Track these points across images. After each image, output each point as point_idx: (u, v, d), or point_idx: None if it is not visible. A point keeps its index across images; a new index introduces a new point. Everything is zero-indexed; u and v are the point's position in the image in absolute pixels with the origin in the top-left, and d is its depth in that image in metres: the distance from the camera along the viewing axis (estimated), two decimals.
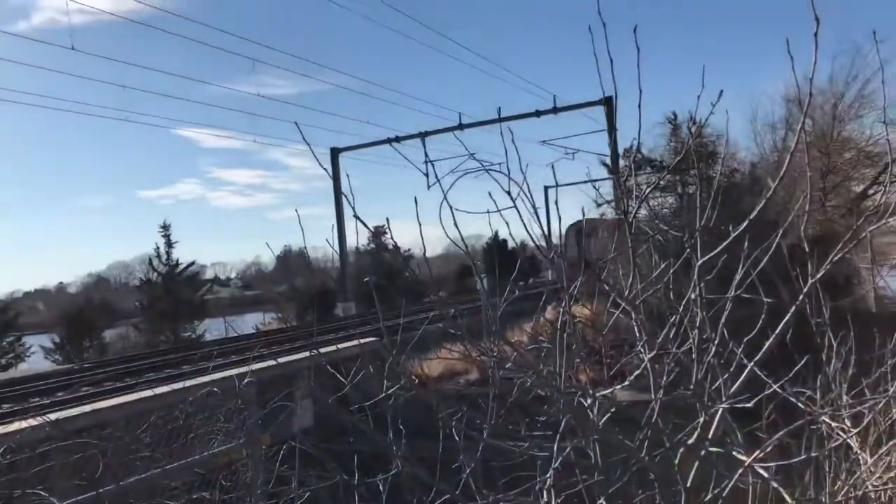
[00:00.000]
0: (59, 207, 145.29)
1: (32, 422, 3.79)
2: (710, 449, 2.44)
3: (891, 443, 2.71)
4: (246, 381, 4.95)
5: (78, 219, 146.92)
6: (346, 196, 2.49)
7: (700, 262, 2.26)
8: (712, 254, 2.24)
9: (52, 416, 4.01)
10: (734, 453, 2.35)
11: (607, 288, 2.87)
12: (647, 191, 2.44)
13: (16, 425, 3.79)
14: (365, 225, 2.53)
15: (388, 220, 3.20)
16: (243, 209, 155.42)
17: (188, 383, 5.46)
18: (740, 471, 2.20)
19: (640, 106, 2.37)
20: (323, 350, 3.33)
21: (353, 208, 2.48)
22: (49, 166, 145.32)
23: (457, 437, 3.02)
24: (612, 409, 2.51)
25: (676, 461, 2.48)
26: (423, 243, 2.89)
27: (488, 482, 3.01)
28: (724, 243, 2.23)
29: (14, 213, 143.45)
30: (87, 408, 6.59)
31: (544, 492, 2.37)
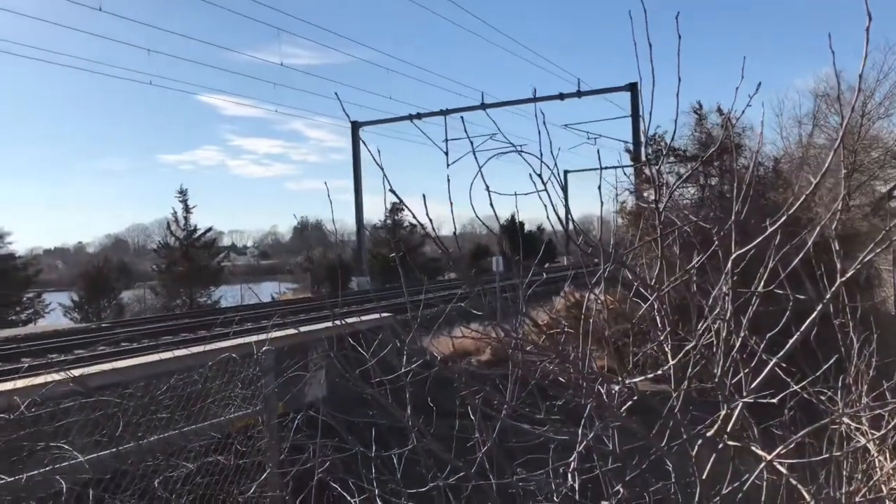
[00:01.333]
0: (80, 168, 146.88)
1: (56, 376, 3.86)
2: (728, 443, 2.45)
3: None
4: (265, 348, 5.01)
5: (99, 180, 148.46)
6: (382, 170, 2.49)
7: (735, 255, 2.25)
8: (747, 248, 2.23)
9: (75, 372, 4.08)
10: (753, 448, 2.36)
11: (631, 277, 2.87)
12: (678, 182, 2.42)
13: (41, 379, 3.87)
14: (399, 199, 2.53)
15: (400, 201, 3.20)
16: (262, 178, 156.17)
17: (207, 347, 5.54)
18: (762, 466, 2.21)
19: (678, 94, 2.35)
20: (342, 322, 3.36)
21: (388, 182, 2.48)
22: (73, 127, 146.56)
23: (472, 417, 3.06)
24: (634, 398, 2.52)
25: (693, 453, 2.49)
26: (432, 225, 2.89)
27: (502, 463, 3.05)
28: (760, 238, 2.22)
29: (37, 172, 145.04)
30: (107, 366, 6.70)
31: (568, 475, 2.39)
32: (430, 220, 2.41)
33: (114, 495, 4.03)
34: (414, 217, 2.72)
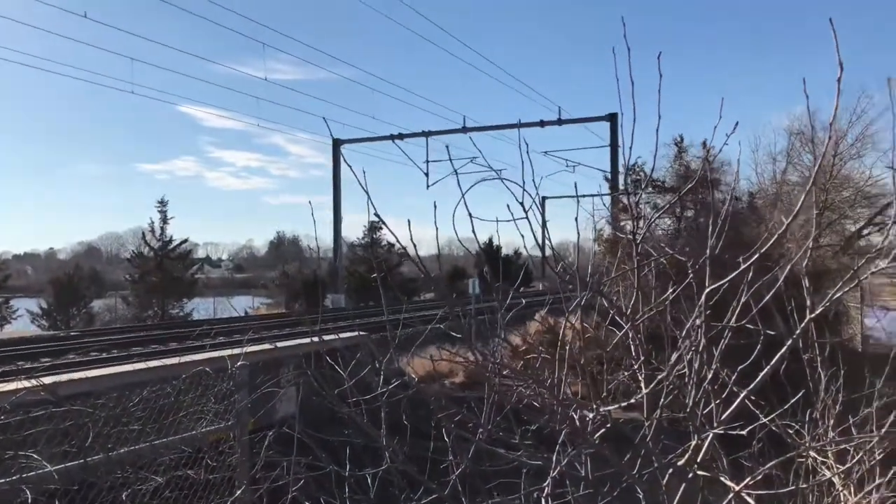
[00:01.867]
0: (55, 173, 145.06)
1: (26, 384, 3.81)
2: (699, 472, 2.50)
3: (873, 484, 2.77)
4: (239, 363, 4.99)
5: (73, 186, 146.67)
6: (367, 193, 2.53)
7: (709, 289, 2.32)
8: (720, 283, 2.30)
9: (46, 380, 4.03)
10: (722, 479, 2.41)
11: (606, 305, 2.93)
12: (656, 215, 2.49)
13: (11, 385, 3.81)
14: (384, 223, 2.57)
15: (384, 224, 3.23)
16: (239, 191, 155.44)
17: (181, 359, 5.50)
18: (730, 497, 2.26)
19: (657, 130, 2.43)
20: (316, 339, 3.38)
21: (373, 206, 2.52)
22: (50, 132, 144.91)
23: (446, 438, 3.08)
24: (608, 425, 2.56)
25: (664, 481, 2.53)
26: (413, 244, 2.93)
27: (474, 486, 3.07)
28: (734, 274, 2.29)
29: (10, 175, 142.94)
30: (78, 375, 6.62)
31: (543, 499, 2.43)
32: (415, 245, 2.45)
33: None
34: (396, 239, 2.76)
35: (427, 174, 33.23)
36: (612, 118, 32.60)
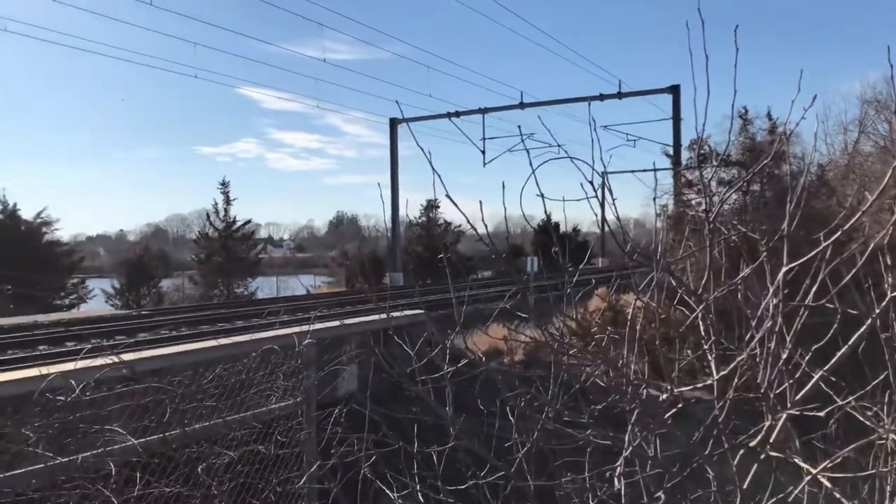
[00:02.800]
0: (121, 157, 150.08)
1: (109, 360, 4.00)
2: (771, 454, 2.46)
3: None
4: (307, 341, 5.11)
5: (139, 169, 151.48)
6: (432, 169, 2.54)
7: (786, 267, 2.26)
8: (799, 262, 2.23)
9: (126, 357, 4.22)
10: (795, 461, 2.36)
11: (675, 284, 2.88)
12: (728, 192, 2.43)
13: (96, 362, 4.01)
14: (454, 203, 2.58)
15: (456, 206, 3.24)
16: (299, 172, 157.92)
17: (251, 337, 5.66)
18: (807, 479, 2.21)
19: (733, 104, 2.36)
20: (383, 316, 3.43)
21: (444, 187, 2.53)
22: (116, 116, 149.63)
23: (511, 418, 3.09)
24: (679, 405, 2.54)
25: (735, 462, 2.50)
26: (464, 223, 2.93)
27: (540, 465, 3.08)
28: (813, 252, 2.22)
29: (80, 159, 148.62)
30: (154, 352, 6.89)
31: (614, 478, 2.43)
32: (486, 225, 2.45)
33: (160, 480, 4.16)
34: (465, 218, 2.76)
35: (483, 151, 33.16)
36: (674, 90, 31.78)
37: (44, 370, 4.65)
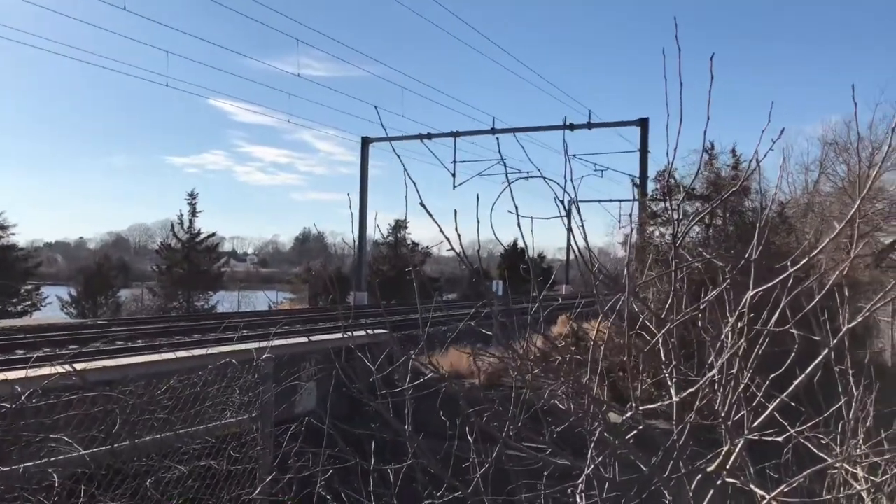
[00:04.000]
0: (86, 163, 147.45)
1: (59, 369, 3.87)
2: (727, 479, 2.47)
3: None
4: (265, 356, 5.03)
5: (104, 176, 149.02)
6: (414, 185, 2.52)
7: (752, 292, 2.29)
8: (766, 287, 2.26)
9: (78, 366, 4.10)
10: (751, 487, 2.37)
11: (638, 309, 2.90)
12: (695, 218, 2.46)
13: (44, 371, 3.88)
14: (430, 213, 2.55)
15: (430, 215, 3.22)
16: (267, 186, 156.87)
17: (208, 351, 5.55)
18: None
19: (705, 132, 2.40)
20: (342, 336, 3.39)
21: (419, 195, 2.52)
22: (83, 121, 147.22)
23: (469, 437, 3.07)
24: (639, 427, 2.54)
25: (692, 487, 2.50)
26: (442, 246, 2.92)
27: (498, 486, 3.06)
28: (779, 279, 2.25)
29: (42, 165, 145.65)
30: (109, 362, 6.70)
31: (577, 496, 2.41)
32: (459, 236, 2.44)
33: (105, 493, 4.03)
34: (442, 233, 2.73)
35: (454, 174, 33.26)
36: (642, 123, 32.33)
37: None
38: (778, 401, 2.39)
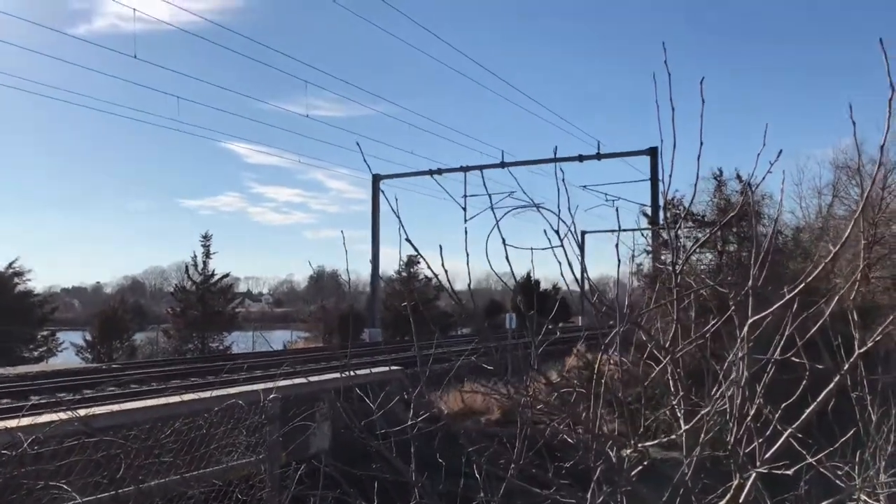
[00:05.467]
0: (102, 208, 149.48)
1: (62, 416, 3.84)
2: None
3: None
4: (271, 396, 4.97)
5: (119, 221, 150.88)
6: (402, 227, 2.50)
7: (752, 320, 2.22)
8: (764, 314, 2.20)
9: (81, 412, 4.06)
10: None
11: (645, 338, 2.83)
12: (696, 245, 2.41)
13: (46, 417, 3.85)
14: (416, 249, 2.52)
15: (416, 251, 3.19)
16: (281, 226, 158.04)
17: (214, 393, 5.51)
18: None
19: (699, 158, 2.36)
20: (351, 373, 3.34)
21: (404, 231, 2.49)
22: (97, 168, 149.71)
23: (477, 475, 2.99)
24: (645, 462, 2.46)
25: None
26: (451, 278, 2.88)
27: None
28: (778, 304, 2.19)
29: (59, 209, 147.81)
30: (114, 407, 6.66)
31: None
32: (446, 271, 2.40)
33: None
34: (430, 268, 2.71)
35: (465, 209, 33.19)
36: (651, 152, 32.37)
37: None
38: (789, 431, 2.30)
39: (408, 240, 2.47)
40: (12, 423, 3.58)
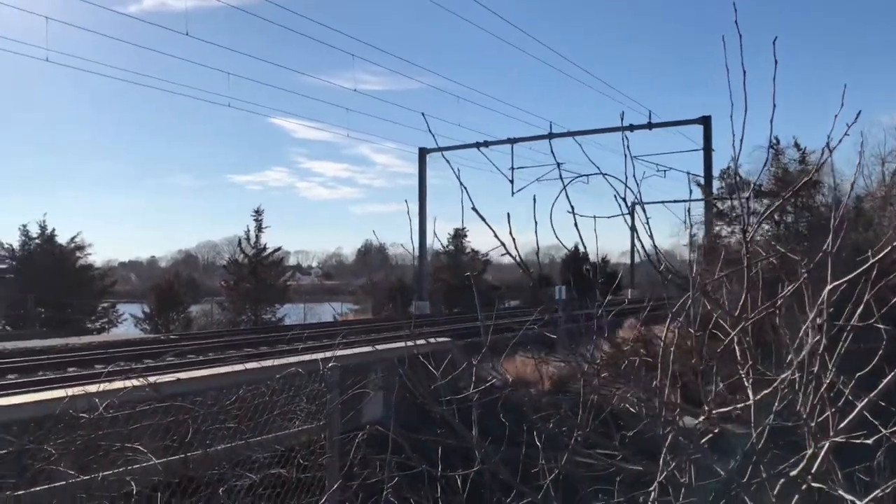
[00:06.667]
0: (155, 184, 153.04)
1: (135, 382, 3.98)
2: (813, 485, 2.33)
3: None
4: (331, 364, 5.06)
5: (172, 197, 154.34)
6: (464, 189, 2.49)
7: (831, 285, 2.16)
8: (846, 279, 2.14)
9: (151, 379, 4.21)
10: (840, 492, 2.24)
11: (710, 306, 2.78)
12: (770, 209, 2.35)
13: (118, 384, 4.00)
14: (480, 215, 2.52)
15: (481, 217, 3.18)
16: (328, 201, 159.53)
17: (276, 362, 5.64)
18: None
19: (772, 120, 2.29)
20: (405, 344, 3.38)
21: (471, 200, 2.48)
22: (151, 145, 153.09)
23: (538, 443, 3.00)
24: (715, 430, 2.43)
25: (774, 492, 2.38)
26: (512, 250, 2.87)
27: (568, 492, 2.98)
28: (862, 268, 2.12)
29: (114, 186, 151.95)
30: (182, 375, 6.89)
31: (650, 503, 2.32)
32: (513, 238, 2.40)
33: (180, 500, 4.11)
34: (495, 236, 2.70)
35: (512, 181, 33.13)
36: (705, 121, 31.62)
37: (70, 391, 4.67)
38: (866, 399, 2.25)
39: (473, 208, 2.46)
40: (92, 389, 3.73)
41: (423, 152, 37.84)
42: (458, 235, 48.54)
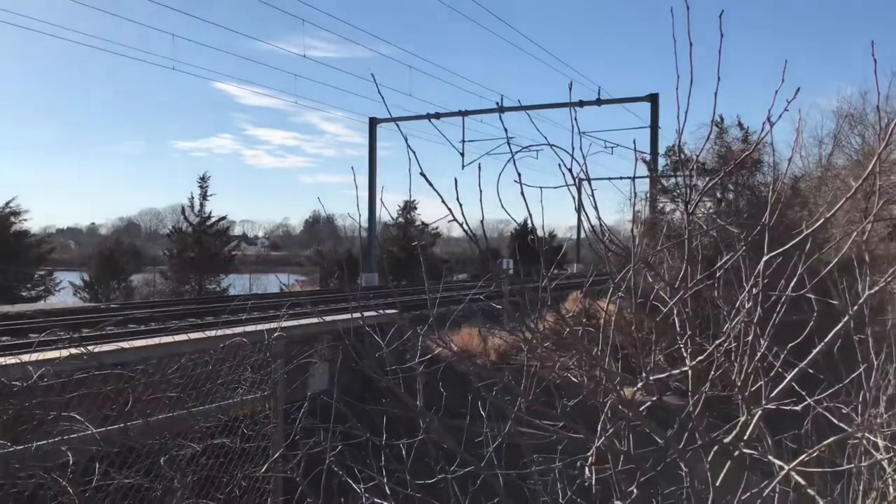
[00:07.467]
0: (96, 150, 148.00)
1: (73, 350, 3.87)
2: (745, 450, 2.43)
3: None
4: (276, 334, 5.01)
5: (114, 162, 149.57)
6: (415, 156, 2.47)
7: (767, 256, 2.23)
8: (782, 249, 2.21)
9: (92, 348, 4.09)
10: (769, 458, 2.33)
11: (652, 279, 2.84)
12: (710, 182, 2.40)
13: (53, 353, 3.88)
14: (430, 183, 2.50)
15: (430, 185, 3.16)
16: (275, 169, 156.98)
17: (219, 332, 5.55)
18: (780, 476, 2.18)
19: (716, 93, 2.33)
20: (351, 316, 3.36)
21: (420, 167, 2.47)
22: (91, 108, 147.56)
23: (482, 412, 3.04)
24: (653, 399, 2.50)
25: (709, 458, 2.46)
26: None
27: (511, 460, 3.03)
28: (795, 241, 2.19)
29: (53, 151, 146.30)
30: (123, 344, 6.73)
31: (586, 469, 2.38)
32: (461, 205, 2.39)
33: (119, 471, 4.04)
34: (444, 204, 2.68)
35: (463, 154, 33.13)
36: (652, 99, 32.05)
37: (2, 360, 4.51)
38: (797, 370, 2.34)
39: (422, 173, 2.45)
40: (26, 357, 3.61)
41: (373, 122, 37.45)
42: (408, 208, 48.46)
